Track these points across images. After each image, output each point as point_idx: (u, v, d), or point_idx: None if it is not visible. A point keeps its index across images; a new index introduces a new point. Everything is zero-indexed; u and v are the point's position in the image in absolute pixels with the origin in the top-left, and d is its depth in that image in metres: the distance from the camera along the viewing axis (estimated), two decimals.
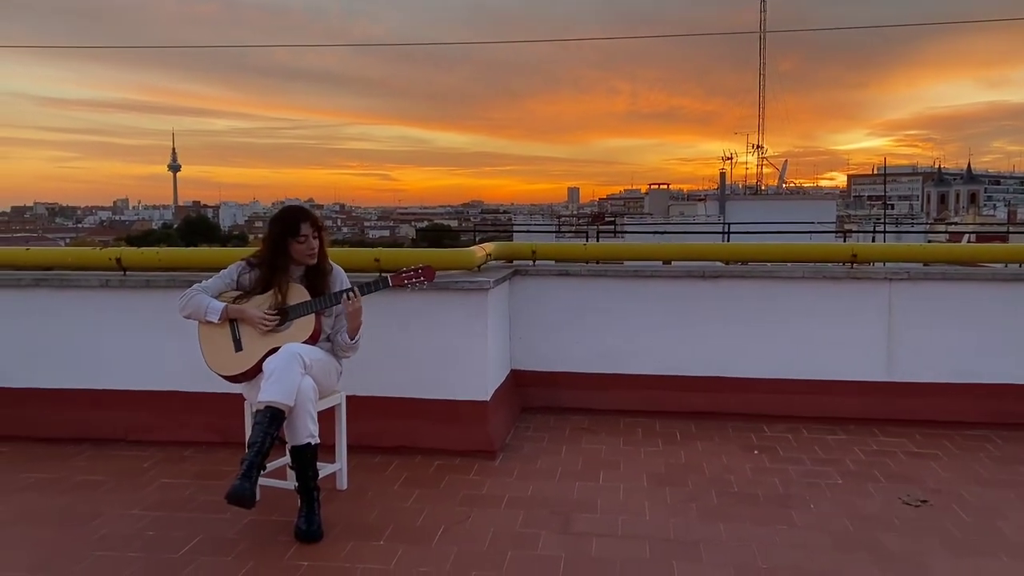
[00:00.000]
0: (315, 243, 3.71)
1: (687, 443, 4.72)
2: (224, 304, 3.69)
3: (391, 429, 4.58)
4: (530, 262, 5.60)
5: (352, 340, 3.79)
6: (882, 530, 3.52)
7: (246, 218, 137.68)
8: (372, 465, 4.31)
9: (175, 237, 72.94)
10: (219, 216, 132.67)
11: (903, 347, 5.22)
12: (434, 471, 4.25)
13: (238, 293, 3.75)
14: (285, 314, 3.66)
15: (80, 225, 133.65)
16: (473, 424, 4.57)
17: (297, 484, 3.50)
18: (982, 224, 43.87)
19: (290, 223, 3.69)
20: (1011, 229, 33.22)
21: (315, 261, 3.73)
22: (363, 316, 3.83)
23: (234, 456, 4.28)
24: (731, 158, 49.89)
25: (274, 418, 3.38)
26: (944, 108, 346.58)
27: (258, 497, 3.50)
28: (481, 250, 5.13)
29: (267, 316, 3.63)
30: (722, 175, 33.22)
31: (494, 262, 5.48)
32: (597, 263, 5.91)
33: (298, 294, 3.69)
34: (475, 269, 4.97)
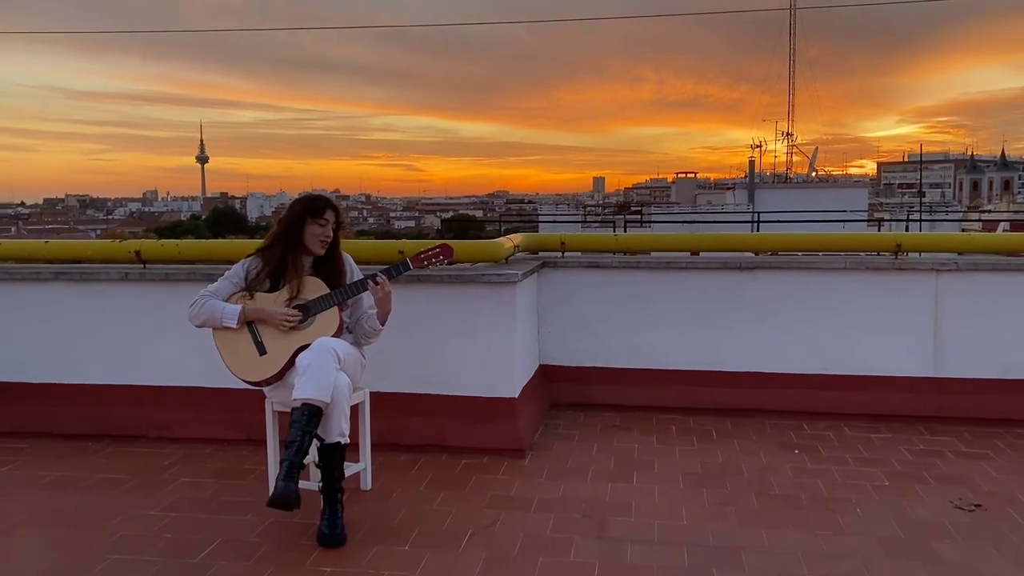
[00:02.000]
0: (331, 233, 3.57)
1: (723, 441, 4.54)
2: (240, 307, 3.52)
3: (416, 427, 4.44)
4: (559, 254, 5.43)
5: (383, 325, 3.65)
6: (935, 537, 3.32)
7: (273, 209, 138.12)
8: (397, 464, 4.17)
9: (203, 228, 73.53)
10: (246, 207, 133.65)
11: (951, 341, 4.99)
12: (461, 471, 4.11)
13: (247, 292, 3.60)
14: (307, 309, 3.51)
15: (110, 217, 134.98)
16: (501, 421, 4.42)
17: (321, 484, 3.37)
18: (1016, 211, 42.95)
19: (314, 205, 3.55)
20: None
21: (322, 252, 3.57)
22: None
23: (256, 454, 4.19)
24: (760, 146, 49.32)
25: (312, 416, 3.25)
26: (977, 94, 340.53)
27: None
28: (509, 242, 4.97)
29: (289, 314, 3.49)
30: (751, 163, 32.95)
31: (521, 254, 5.32)
32: (625, 254, 5.73)
33: (315, 288, 3.53)
34: (503, 261, 4.81)
